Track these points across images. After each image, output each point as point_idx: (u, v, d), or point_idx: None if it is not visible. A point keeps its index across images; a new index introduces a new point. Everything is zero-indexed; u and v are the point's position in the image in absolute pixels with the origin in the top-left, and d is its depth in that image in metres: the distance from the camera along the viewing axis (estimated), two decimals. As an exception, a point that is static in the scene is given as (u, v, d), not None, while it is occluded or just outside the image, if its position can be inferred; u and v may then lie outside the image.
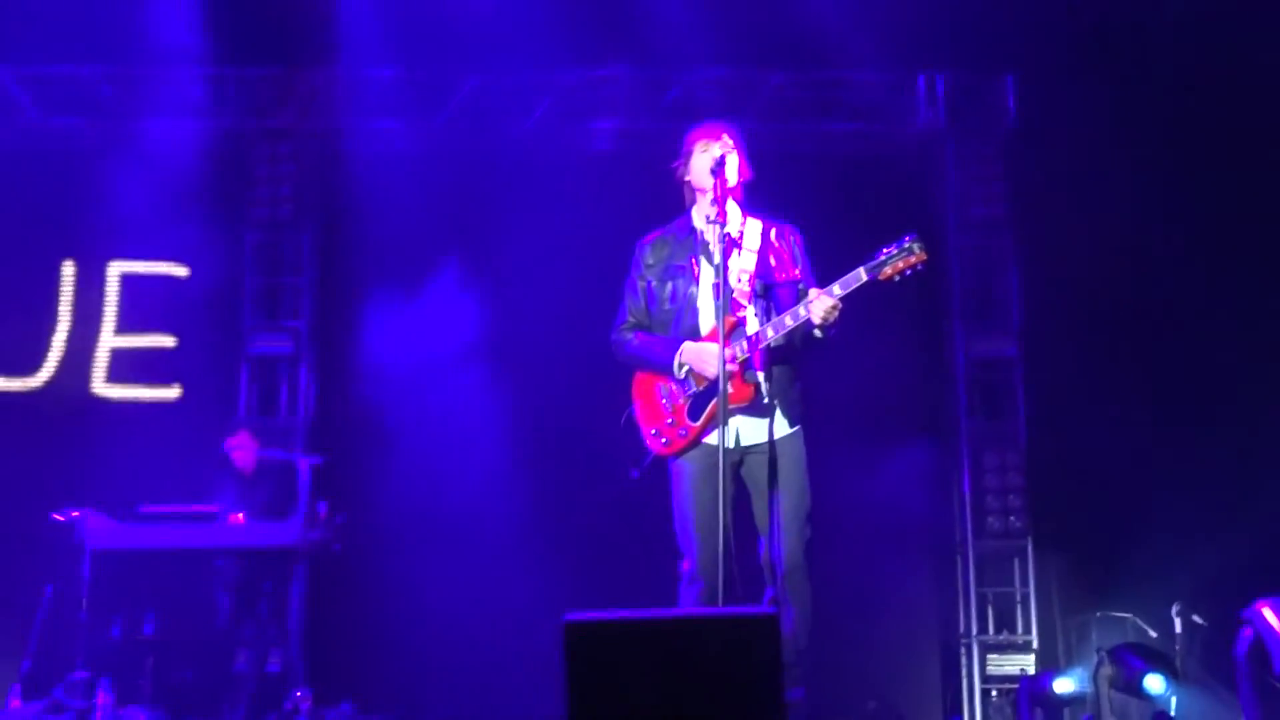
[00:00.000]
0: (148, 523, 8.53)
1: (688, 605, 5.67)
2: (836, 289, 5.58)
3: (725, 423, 5.40)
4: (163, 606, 8.62)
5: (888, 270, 5.56)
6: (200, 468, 9.83)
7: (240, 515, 8.78)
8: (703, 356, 5.73)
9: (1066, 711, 9.42)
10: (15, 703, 7.72)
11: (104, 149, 11.13)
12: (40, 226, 11.06)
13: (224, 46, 11.01)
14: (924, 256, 5.57)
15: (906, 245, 5.56)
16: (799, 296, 5.80)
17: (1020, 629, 10.64)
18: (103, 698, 7.83)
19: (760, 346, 5.66)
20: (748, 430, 5.76)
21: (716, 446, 5.38)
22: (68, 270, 11.23)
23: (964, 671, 10.58)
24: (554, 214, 10.85)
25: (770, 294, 5.82)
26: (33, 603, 8.46)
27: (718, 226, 5.65)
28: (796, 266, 5.92)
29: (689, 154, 6.00)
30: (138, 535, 8.48)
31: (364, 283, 10.99)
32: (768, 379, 5.69)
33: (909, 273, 5.57)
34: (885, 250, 5.58)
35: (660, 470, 5.92)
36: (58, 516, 8.49)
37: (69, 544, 8.40)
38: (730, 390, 5.57)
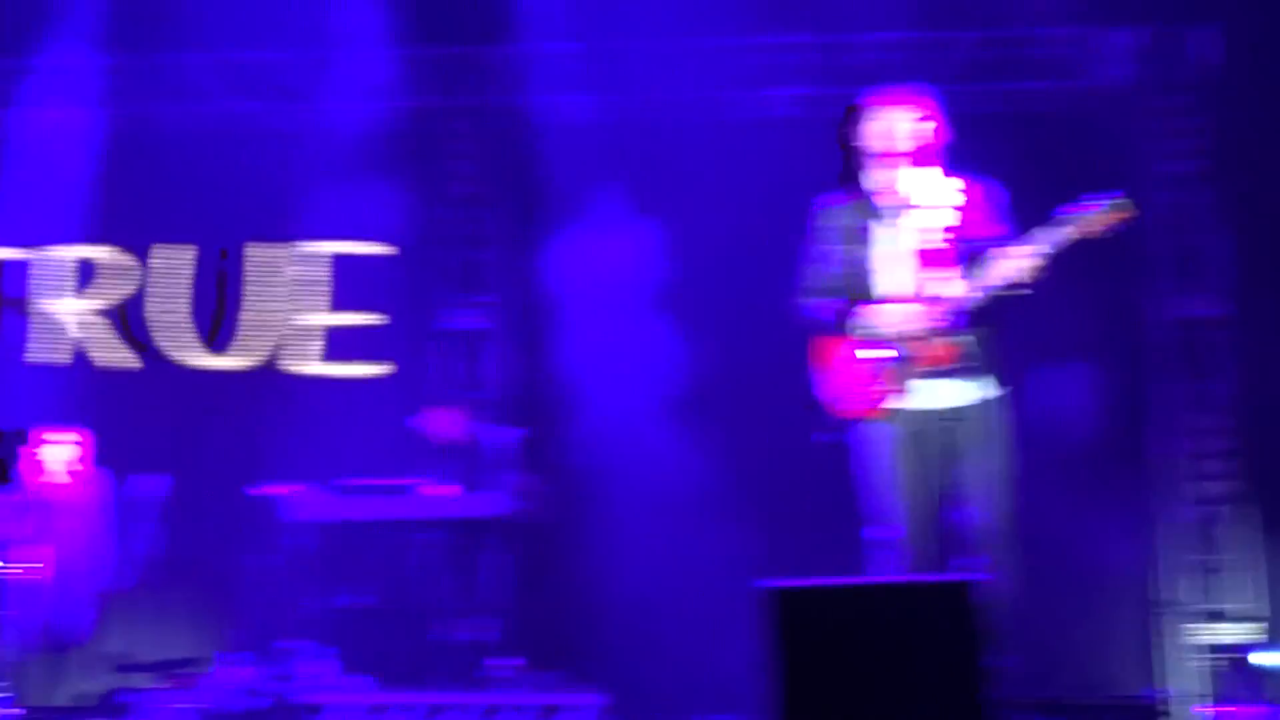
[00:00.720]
0: (352, 495, 8.75)
1: (890, 572, 5.64)
2: (1041, 246, 5.48)
3: (923, 387, 5.35)
4: (368, 578, 8.83)
5: (1094, 226, 5.45)
6: (398, 441, 10.04)
7: (442, 487, 8.94)
8: (894, 319, 5.68)
9: (1273, 683, 9.19)
10: (227, 670, 7.96)
11: (295, 132, 11.40)
12: (237, 209, 11.35)
13: (408, 26, 11.19)
14: (1130, 211, 5.45)
15: (1112, 201, 5.44)
16: (998, 255, 5.72)
17: (1226, 598, 10.37)
18: (312, 665, 8.05)
19: (961, 308, 5.59)
20: (944, 393, 5.70)
21: (915, 411, 5.33)
22: (265, 253, 11.53)
23: (1167, 641, 10.35)
24: (737, 181, 10.85)
25: (966, 253, 5.74)
26: (244, 574, 8.71)
27: (898, 190, 5.60)
28: (995, 224, 5.82)
29: (870, 118, 5.94)
30: (342, 508, 8.70)
31: (551, 254, 11.10)
32: (966, 341, 5.62)
33: (1115, 229, 5.45)
34: (1090, 205, 5.47)
35: (854, 434, 5.88)
36: (266, 490, 8.74)
37: (277, 516, 8.64)
38: (928, 353, 5.51)
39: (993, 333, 5.75)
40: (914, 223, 5.74)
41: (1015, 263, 5.47)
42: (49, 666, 9.04)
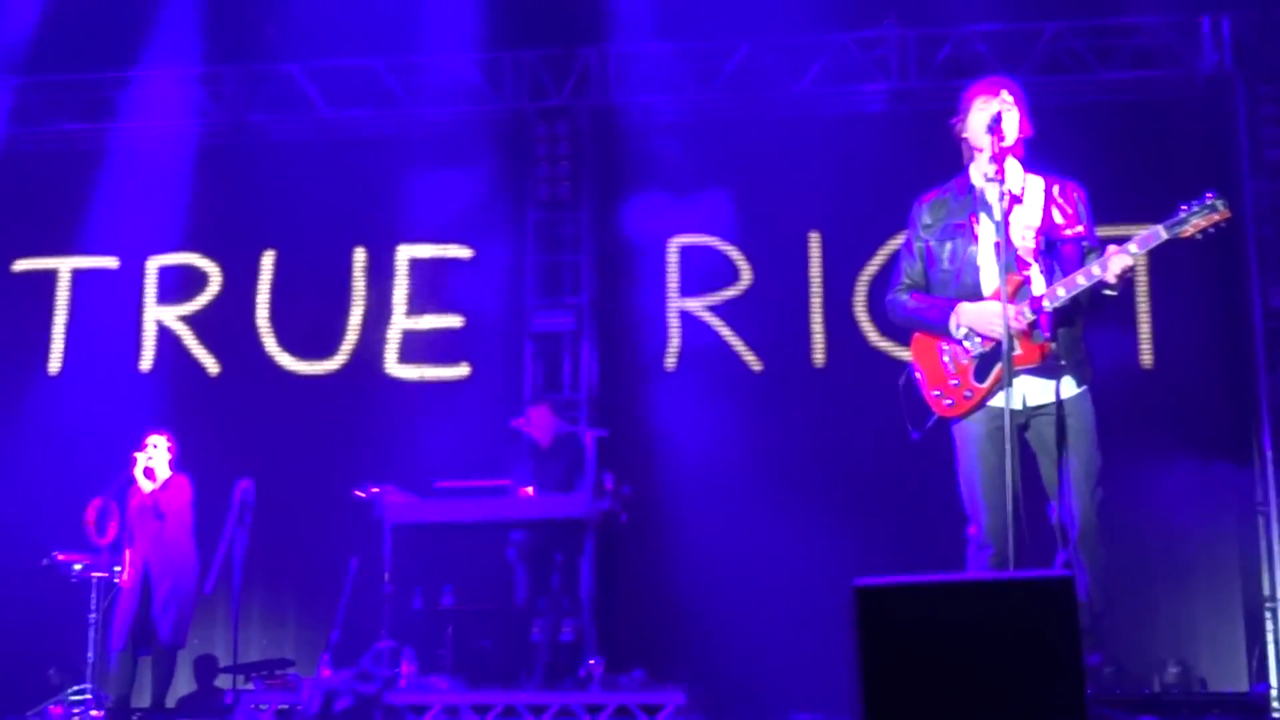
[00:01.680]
0: (443, 497, 8.77)
1: (977, 571, 5.58)
2: (1134, 247, 5.39)
3: (1011, 383, 5.29)
4: (460, 578, 8.88)
5: (1188, 229, 5.35)
6: (489, 443, 10.09)
7: (529, 488, 8.97)
8: (985, 316, 5.61)
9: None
10: (326, 671, 8.03)
11: (389, 137, 11.52)
12: (332, 215, 11.47)
13: (499, 30, 11.25)
14: (1227, 214, 5.34)
15: (1209, 202, 5.33)
16: (1083, 253, 5.64)
17: (1335, 593, 10.15)
18: (406, 666, 8.11)
19: (1050, 306, 5.51)
20: (1034, 391, 5.63)
21: (1002, 408, 5.27)
22: (359, 256, 11.63)
23: (1270, 637, 10.13)
24: (828, 177, 10.82)
25: (1054, 251, 5.67)
26: (339, 576, 8.80)
27: (997, 184, 5.52)
28: (1081, 223, 5.74)
29: (966, 111, 5.85)
30: (434, 510, 8.74)
31: (641, 255, 11.14)
32: (1054, 338, 5.55)
33: (1211, 231, 5.36)
34: (1185, 207, 5.36)
35: (943, 432, 5.83)
36: (359, 493, 8.81)
37: (371, 519, 8.71)
38: (1018, 351, 5.45)
39: (1076, 330, 5.67)
40: (1018, 218, 5.66)
41: (1110, 262, 5.38)
42: (136, 667, 9.17)
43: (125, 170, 11.65)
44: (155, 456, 9.28)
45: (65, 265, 11.85)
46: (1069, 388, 5.61)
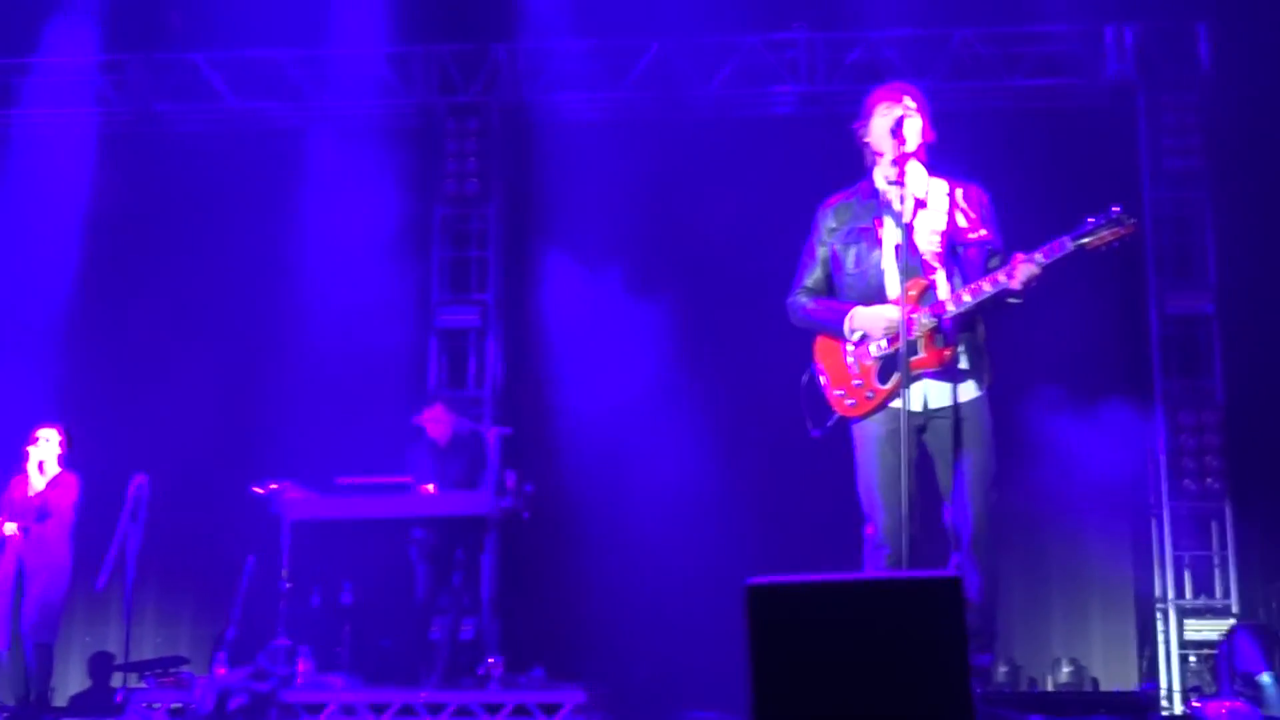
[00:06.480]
0: (343, 494, 8.68)
1: (872, 570, 5.62)
2: (1040, 258, 5.46)
3: (908, 385, 5.32)
4: (359, 576, 8.81)
5: (1094, 241, 5.44)
6: (392, 439, 10.02)
7: (431, 485, 8.91)
8: (875, 319, 5.65)
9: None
10: (221, 669, 7.93)
11: (295, 129, 11.39)
12: (240, 209, 11.29)
13: (409, 24, 11.19)
14: (1133, 228, 5.44)
15: (1116, 216, 5.42)
16: (988, 257, 5.70)
17: (1219, 593, 10.30)
18: (303, 665, 8.02)
19: (955, 312, 5.55)
20: (935, 394, 5.67)
21: (902, 411, 5.30)
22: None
23: (1161, 636, 10.30)
24: (736, 179, 10.86)
25: (958, 255, 5.72)
26: (236, 573, 8.70)
27: (899, 188, 5.56)
28: (984, 226, 5.79)
29: (869, 116, 5.89)
30: (334, 506, 8.64)
31: (550, 253, 11.11)
32: (957, 343, 5.59)
33: (1116, 244, 5.44)
34: (1092, 221, 5.45)
35: (844, 432, 5.86)
36: (257, 489, 8.70)
37: (269, 515, 8.60)
38: (921, 354, 5.50)
39: (977, 335, 5.73)
40: (923, 222, 5.69)
41: (1016, 271, 5.44)
42: (20, 666, 9.03)
43: (26, 158, 11.44)
44: (45, 451, 9.12)
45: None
46: (968, 391, 5.66)
